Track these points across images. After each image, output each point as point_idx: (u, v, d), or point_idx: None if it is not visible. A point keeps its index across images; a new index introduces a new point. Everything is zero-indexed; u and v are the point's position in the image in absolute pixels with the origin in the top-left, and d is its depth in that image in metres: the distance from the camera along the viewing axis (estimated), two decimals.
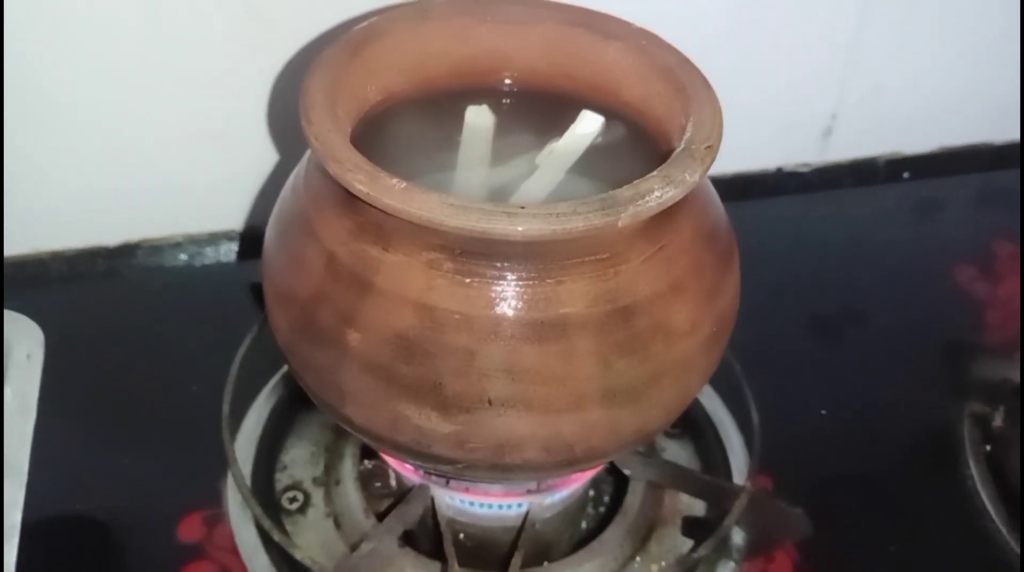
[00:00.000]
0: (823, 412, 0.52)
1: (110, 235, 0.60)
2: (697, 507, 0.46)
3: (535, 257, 0.30)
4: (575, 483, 0.42)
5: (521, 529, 0.41)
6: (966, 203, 0.73)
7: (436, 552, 0.43)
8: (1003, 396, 0.51)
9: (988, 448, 0.49)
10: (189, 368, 0.52)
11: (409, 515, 0.40)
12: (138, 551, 0.43)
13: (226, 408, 0.43)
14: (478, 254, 0.30)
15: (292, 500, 0.46)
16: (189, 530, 0.44)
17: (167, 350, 0.53)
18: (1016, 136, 0.75)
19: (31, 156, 0.54)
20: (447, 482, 0.41)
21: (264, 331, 0.49)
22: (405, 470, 0.42)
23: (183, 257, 0.62)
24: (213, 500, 0.45)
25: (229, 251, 0.63)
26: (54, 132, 0.54)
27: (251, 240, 0.63)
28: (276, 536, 0.39)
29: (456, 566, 0.38)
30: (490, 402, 0.31)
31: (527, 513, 0.42)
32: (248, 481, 0.45)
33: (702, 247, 0.34)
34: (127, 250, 0.61)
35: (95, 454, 0.46)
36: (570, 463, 0.33)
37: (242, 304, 0.53)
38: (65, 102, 0.53)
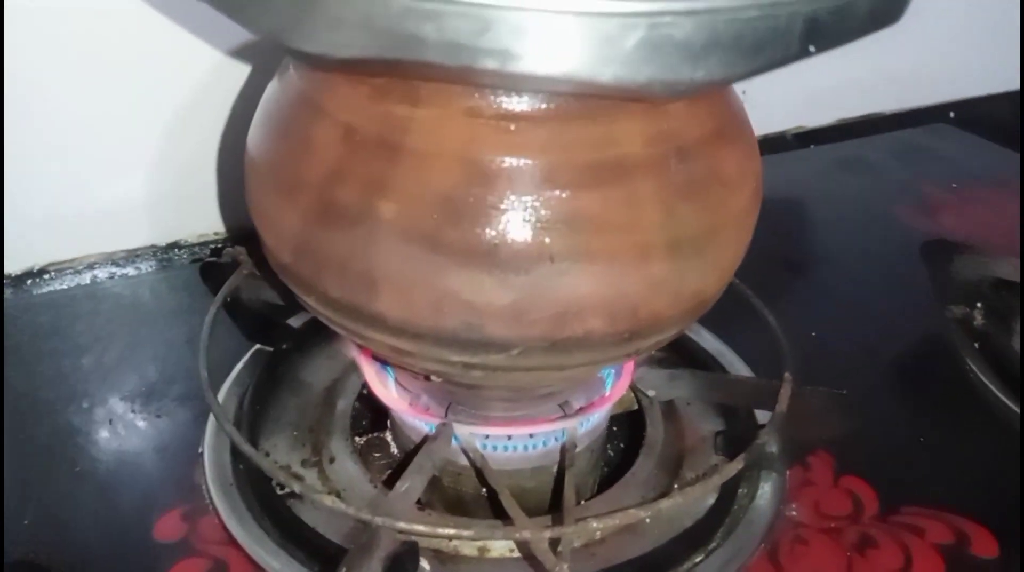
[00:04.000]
0: (813, 334, 0.51)
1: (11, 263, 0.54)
2: (717, 425, 0.44)
3: (587, 95, 0.28)
4: (606, 404, 0.39)
5: (563, 459, 0.37)
6: (883, 162, 0.76)
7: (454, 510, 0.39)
8: (979, 294, 0.52)
9: (977, 345, 0.50)
10: (129, 368, 0.46)
11: (436, 452, 0.35)
12: (115, 556, 0.36)
13: (204, 372, 0.37)
14: (524, 94, 0.27)
15: (284, 485, 0.40)
16: (167, 530, 0.37)
17: (104, 355, 0.47)
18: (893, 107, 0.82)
19: None
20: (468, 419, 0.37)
21: (217, 320, 0.44)
22: (424, 416, 0.37)
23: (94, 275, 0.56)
24: (188, 496, 0.39)
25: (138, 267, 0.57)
26: None
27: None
28: (296, 486, 0.33)
29: (510, 496, 0.33)
30: (551, 259, 0.28)
31: (562, 447, 0.38)
32: (231, 472, 0.40)
33: (734, 101, 0.33)
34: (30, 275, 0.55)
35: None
36: (631, 336, 0.30)
37: (172, 304, 0.52)
38: None
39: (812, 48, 0.22)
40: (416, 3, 0.19)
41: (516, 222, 0.27)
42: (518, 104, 0.27)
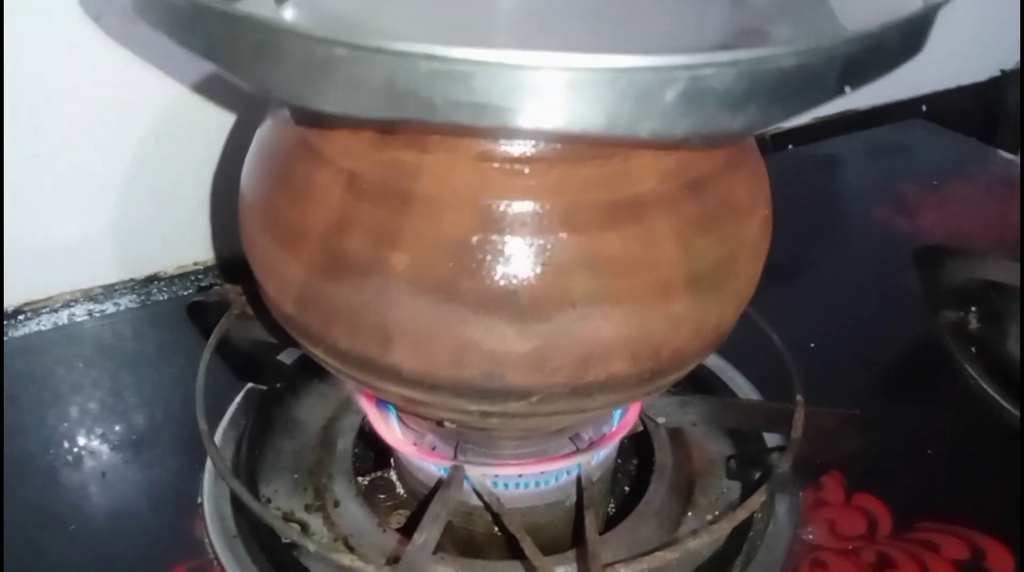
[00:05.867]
0: (812, 345, 0.51)
1: None
2: (725, 447, 0.43)
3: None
4: (617, 436, 0.38)
5: (579, 496, 0.36)
6: (860, 161, 0.77)
7: (467, 551, 0.38)
8: (971, 298, 0.52)
9: (974, 350, 0.50)
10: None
11: (450, 498, 0.34)
12: None
13: (203, 424, 0.36)
14: (536, 136, 0.26)
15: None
16: None
17: (88, 402, 0.45)
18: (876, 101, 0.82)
19: None
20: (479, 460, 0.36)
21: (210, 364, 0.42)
22: (433, 458, 0.36)
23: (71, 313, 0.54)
24: (191, 551, 0.37)
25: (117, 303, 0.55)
26: None
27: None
28: (311, 545, 0.32)
29: (531, 543, 0.32)
30: (573, 304, 0.27)
31: (579, 484, 0.37)
32: (232, 524, 0.38)
33: None
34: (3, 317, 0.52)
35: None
36: (653, 375, 0.30)
37: (156, 343, 0.51)
38: None
39: (848, 88, 0.21)
40: (444, 65, 0.18)
41: (535, 268, 0.26)
42: (529, 147, 0.26)
